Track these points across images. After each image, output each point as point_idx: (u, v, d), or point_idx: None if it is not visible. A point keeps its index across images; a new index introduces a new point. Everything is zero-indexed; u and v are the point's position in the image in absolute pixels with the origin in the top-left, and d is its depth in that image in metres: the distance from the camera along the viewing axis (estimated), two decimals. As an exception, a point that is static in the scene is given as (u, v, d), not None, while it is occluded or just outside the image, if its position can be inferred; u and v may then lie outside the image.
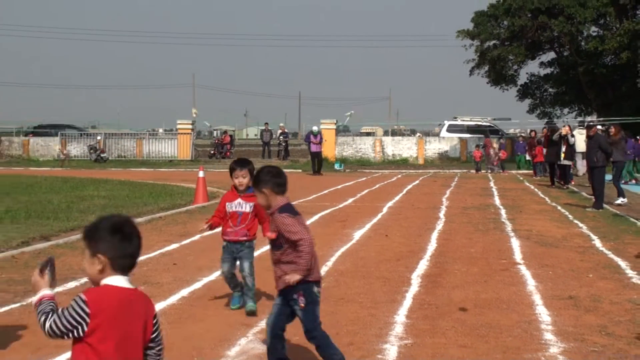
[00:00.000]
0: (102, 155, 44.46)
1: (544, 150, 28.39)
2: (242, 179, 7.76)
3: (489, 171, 36.18)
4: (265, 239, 6.00)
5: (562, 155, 25.57)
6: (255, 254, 8.05)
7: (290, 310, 5.46)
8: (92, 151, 45.05)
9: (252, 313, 7.63)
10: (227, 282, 7.92)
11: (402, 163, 43.71)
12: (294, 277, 5.29)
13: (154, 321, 3.38)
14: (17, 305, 8.06)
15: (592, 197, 18.84)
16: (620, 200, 18.96)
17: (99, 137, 47.31)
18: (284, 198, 5.51)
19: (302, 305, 5.37)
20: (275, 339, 5.48)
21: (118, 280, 3.31)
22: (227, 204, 7.84)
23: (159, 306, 7.81)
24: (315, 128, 35.67)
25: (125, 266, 3.35)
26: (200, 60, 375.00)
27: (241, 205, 7.80)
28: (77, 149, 46.98)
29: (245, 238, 7.80)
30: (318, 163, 34.25)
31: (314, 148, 33.95)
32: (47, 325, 3.26)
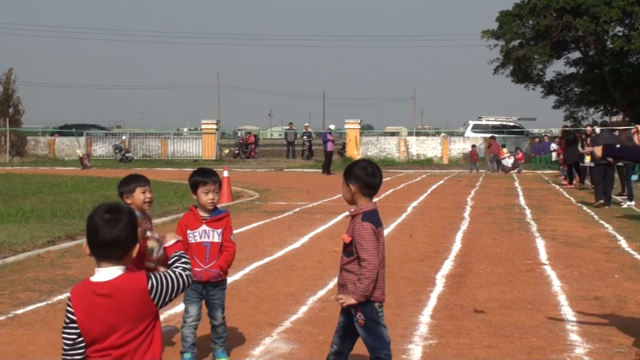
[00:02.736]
0: (127, 155, 44.75)
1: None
2: (215, 194, 5.99)
3: (490, 171, 36.11)
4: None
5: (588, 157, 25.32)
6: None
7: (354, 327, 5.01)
8: (117, 151, 45.38)
9: None
10: (186, 335, 6.08)
11: (427, 163, 43.58)
12: (348, 300, 4.86)
13: (151, 296, 3.33)
14: (43, 304, 8.13)
15: (621, 197, 18.73)
16: (627, 204, 18.65)
17: (124, 137, 47.66)
18: (371, 203, 4.97)
19: (362, 322, 4.91)
20: (337, 357, 5.15)
21: (98, 275, 3.33)
22: (188, 232, 5.97)
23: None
24: (332, 126, 35.58)
25: (100, 256, 3.33)
26: (224, 60, 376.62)
27: (207, 234, 5.98)
28: (102, 148, 47.39)
29: (219, 278, 6.08)
30: (329, 162, 33.99)
31: (330, 147, 33.55)
32: None
